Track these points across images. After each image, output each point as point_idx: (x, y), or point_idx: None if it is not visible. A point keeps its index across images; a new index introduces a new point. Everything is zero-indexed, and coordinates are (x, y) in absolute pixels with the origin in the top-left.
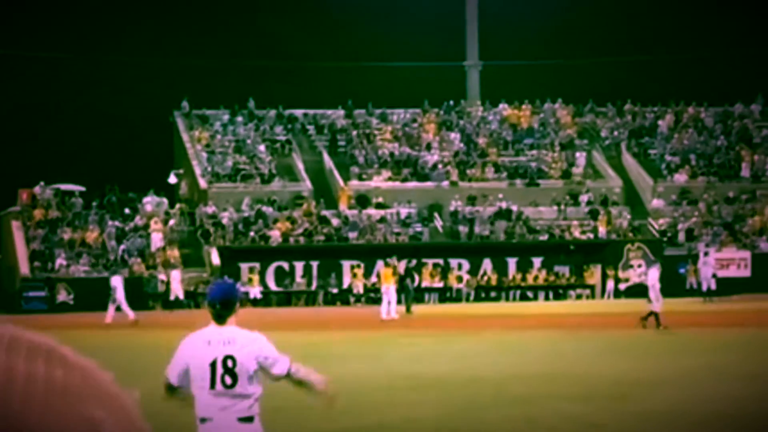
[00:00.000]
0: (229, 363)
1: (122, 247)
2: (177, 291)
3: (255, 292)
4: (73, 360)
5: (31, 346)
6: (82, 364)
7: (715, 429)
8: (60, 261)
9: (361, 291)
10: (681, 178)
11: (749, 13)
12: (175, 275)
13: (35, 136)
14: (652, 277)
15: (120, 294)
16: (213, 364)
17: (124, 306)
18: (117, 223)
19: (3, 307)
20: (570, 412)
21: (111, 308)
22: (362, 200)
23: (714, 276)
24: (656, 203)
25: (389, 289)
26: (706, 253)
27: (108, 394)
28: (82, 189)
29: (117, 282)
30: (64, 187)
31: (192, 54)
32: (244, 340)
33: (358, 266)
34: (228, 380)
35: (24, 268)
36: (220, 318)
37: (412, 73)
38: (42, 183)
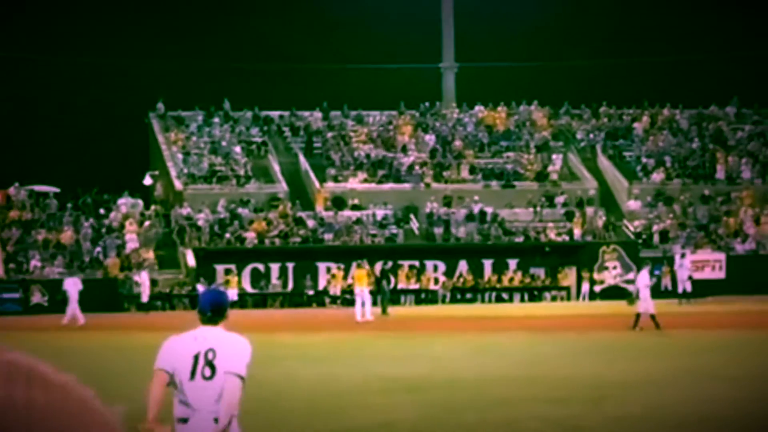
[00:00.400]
0: (210, 355)
1: (97, 248)
2: (146, 293)
3: (232, 294)
4: (54, 379)
5: (10, 368)
6: (63, 382)
7: (693, 431)
8: (34, 262)
9: (338, 293)
10: (656, 179)
11: (724, 16)
12: (144, 277)
13: (9, 137)
14: (643, 278)
15: (72, 295)
16: (196, 357)
17: (71, 307)
18: (92, 224)
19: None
20: (548, 414)
21: (68, 309)
22: (338, 202)
23: (690, 278)
24: (632, 205)
25: (363, 291)
26: (683, 255)
27: (90, 412)
28: (57, 190)
29: (69, 285)
30: (38, 188)
31: (167, 55)
32: (230, 340)
33: (338, 268)
34: (207, 372)
35: None
36: (212, 323)
37: (387, 75)
38: (16, 184)
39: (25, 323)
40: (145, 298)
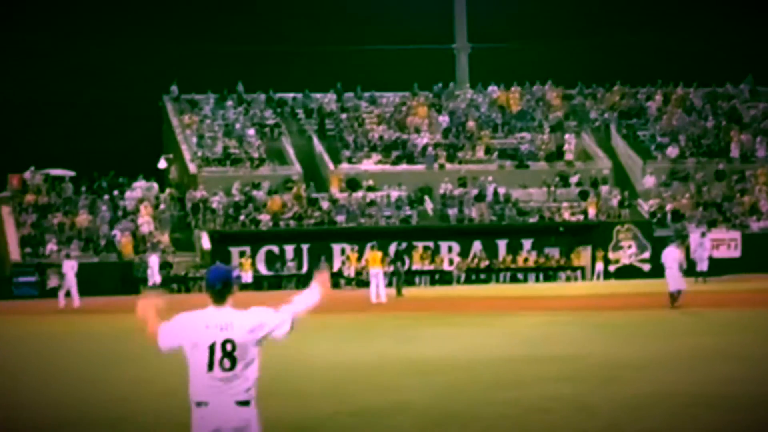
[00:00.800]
0: (228, 347)
1: (113, 232)
2: (154, 276)
3: (247, 276)
4: None
5: None
6: None
7: (704, 410)
8: (51, 246)
9: (353, 274)
10: (670, 158)
11: None
12: (153, 260)
13: (24, 121)
14: (672, 256)
15: (70, 279)
16: (212, 347)
17: (73, 289)
18: (107, 207)
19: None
20: (560, 394)
21: (73, 292)
22: (352, 183)
23: (709, 257)
24: (646, 184)
25: (378, 273)
26: (702, 234)
27: None
28: (72, 174)
29: (68, 268)
30: (54, 172)
31: (181, 38)
32: (241, 321)
33: (353, 249)
34: (227, 363)
35: (14, 254)
36: (219, 299)
37: (401, 57)
38: (32, 168)
39: (41, 307)
40: (152, 282)
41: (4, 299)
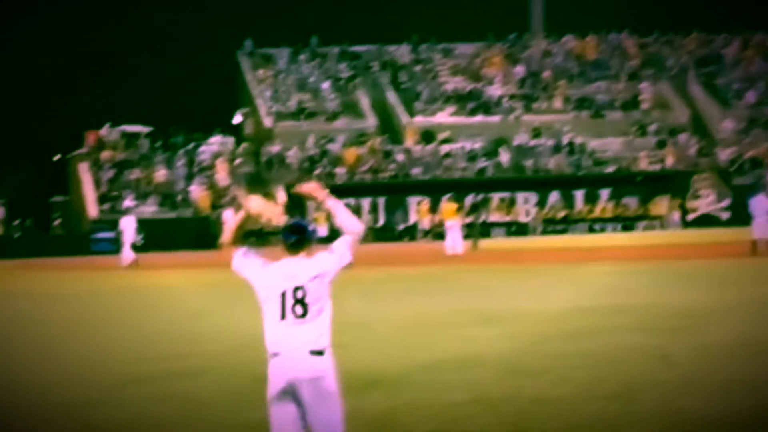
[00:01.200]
0: (299, 294)
1: (189, 187)
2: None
3: (322, 230)
4: None
5: None
6: None
7: None
8: (128, 202)
9: (428, 227)
10: (748, 105)
11: None
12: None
13: (100, 78)
14: (761, 205)
15: (128, 236)
16: (283, 296)
17: (127, 247)
18: (183, 163)
19: (72, 250)
20: (636, 343)
21: (124, 250)
22: (427, 136)
23: None
24: (724, 132)
25: (453, 225)
26: None
27: None
28: (148, 130)
29: (125, 224)
30: (130, 128)
31: None
32: (309, 268)
33: (428, 202)
34: (299, 311)
35: (92, 211)
36: (293, 251)
37: (475, 7)
38: (108, 125)
39: (119, 263)
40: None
41: (83, 255)
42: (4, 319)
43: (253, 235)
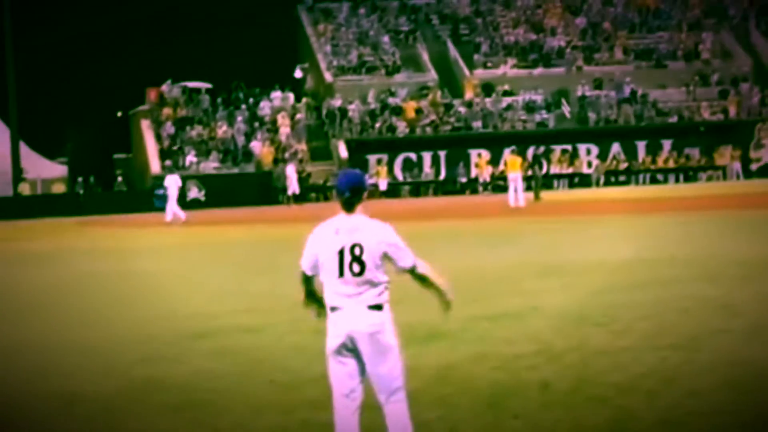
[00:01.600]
0: (357, 250)
1: (251, 143)
2: (293, 186)
3: (383, 184)
4: None
5: None
6: None
7: None
8: (190, 158)
9: (488, 179)
10: None
11: None
12: (291, 170)
13: (162, 35)
14: None
15: (172, 193)
16: (341, 252)
17: (170, 204)
18: (244, 118)
19: (135, 207)
20: (698, 293)
21: (168, 207)
22: (488, 88)
23: None
24: None
25: (516, 177)
26: None
27: None
28: (209, 86)
29: (170, 182)
30: (191, 84)
31: None
32: (371, 228)
33: (489, 154)
34: (356, 268)
35: (154, 167)
36: (349, 206)
37: None
38: (169, 81)
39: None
40: (291, 191)
41: (145, 212)
42: (65, 276)
43: (313, 191)
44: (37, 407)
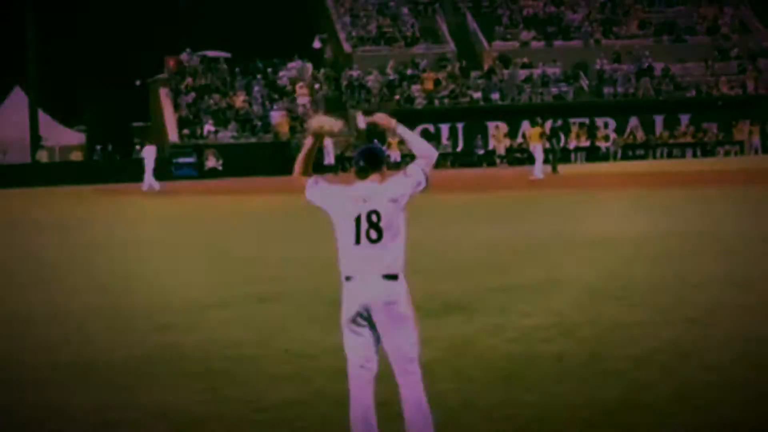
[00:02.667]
0: (374, 218)
1: (269, 113)
2: (329, 158)
3: (396, 155)
4: None
5: None
6: None
7: None
8: (208, 127)
9: (503, 152)
10: None
11: None
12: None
13: (181, 3)
14: None
15: (149, 163)
16: (357, 219)
17: (147, 175)
18: (261, 88)
19: (153, 175)
20: (714, 268)
21: (145, 177)
22: (506, 61)
23: None
24: None
25: (536, 149)
26: None
27: None
28: (228, 55)
29: (147, 153)
30: (210, 53)
31: None
32: (384, 191)
33: (507, 127)
34: (373, 235)
35: (173, 136)
36: (363, 174)
37: None
38: (188, 50)
39: (200, 187)
40: (327, 162)
41: (163, 180)
42: (82, 243)
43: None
44: (54, 376)
